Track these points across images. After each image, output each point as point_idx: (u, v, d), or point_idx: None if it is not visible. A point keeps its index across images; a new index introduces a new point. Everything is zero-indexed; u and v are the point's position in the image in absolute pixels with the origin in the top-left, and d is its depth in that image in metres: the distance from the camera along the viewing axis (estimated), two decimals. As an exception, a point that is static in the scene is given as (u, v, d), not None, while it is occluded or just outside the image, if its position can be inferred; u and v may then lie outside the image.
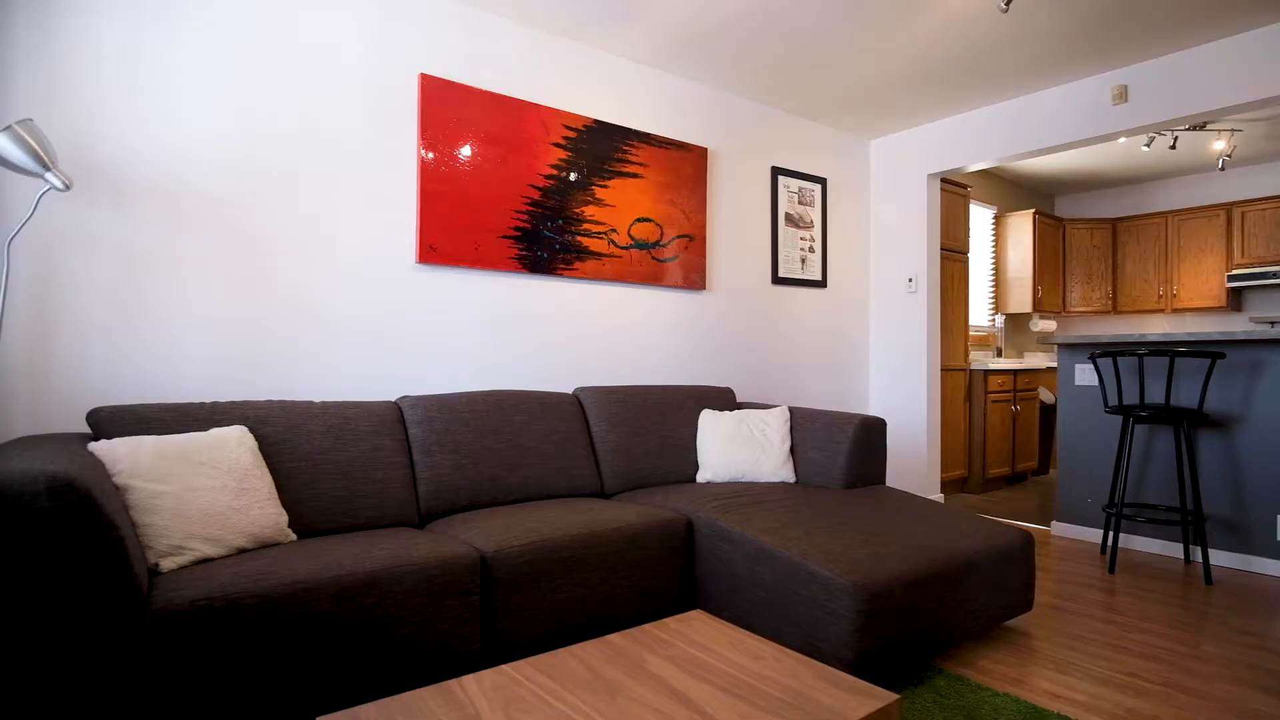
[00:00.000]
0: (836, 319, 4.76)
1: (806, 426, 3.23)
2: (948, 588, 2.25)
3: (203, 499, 1.89)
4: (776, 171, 4.33)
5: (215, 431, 2.08)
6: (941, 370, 4.96)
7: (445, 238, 2.93)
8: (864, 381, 4.98)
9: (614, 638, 1.72)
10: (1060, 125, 4.05)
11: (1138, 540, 3.75)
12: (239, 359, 2.53)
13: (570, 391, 3.31)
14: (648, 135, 3.61)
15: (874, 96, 4.18)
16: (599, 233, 3.42)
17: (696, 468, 3.22)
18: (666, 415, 3.25)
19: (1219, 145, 5.38)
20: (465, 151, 2.99)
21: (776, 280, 4.34)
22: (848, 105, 4.32)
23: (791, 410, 3.34)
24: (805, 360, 4.55)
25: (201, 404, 2.22)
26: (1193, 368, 3.59)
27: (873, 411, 4.98)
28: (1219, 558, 3.48)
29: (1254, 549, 3.38)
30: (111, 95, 2.31)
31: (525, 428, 2.80)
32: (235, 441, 2.07)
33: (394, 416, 2.54)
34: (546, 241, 3.24)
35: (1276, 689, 2.19)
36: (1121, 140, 4.91)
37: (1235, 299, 6.04)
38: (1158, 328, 6.53)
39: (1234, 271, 5.85)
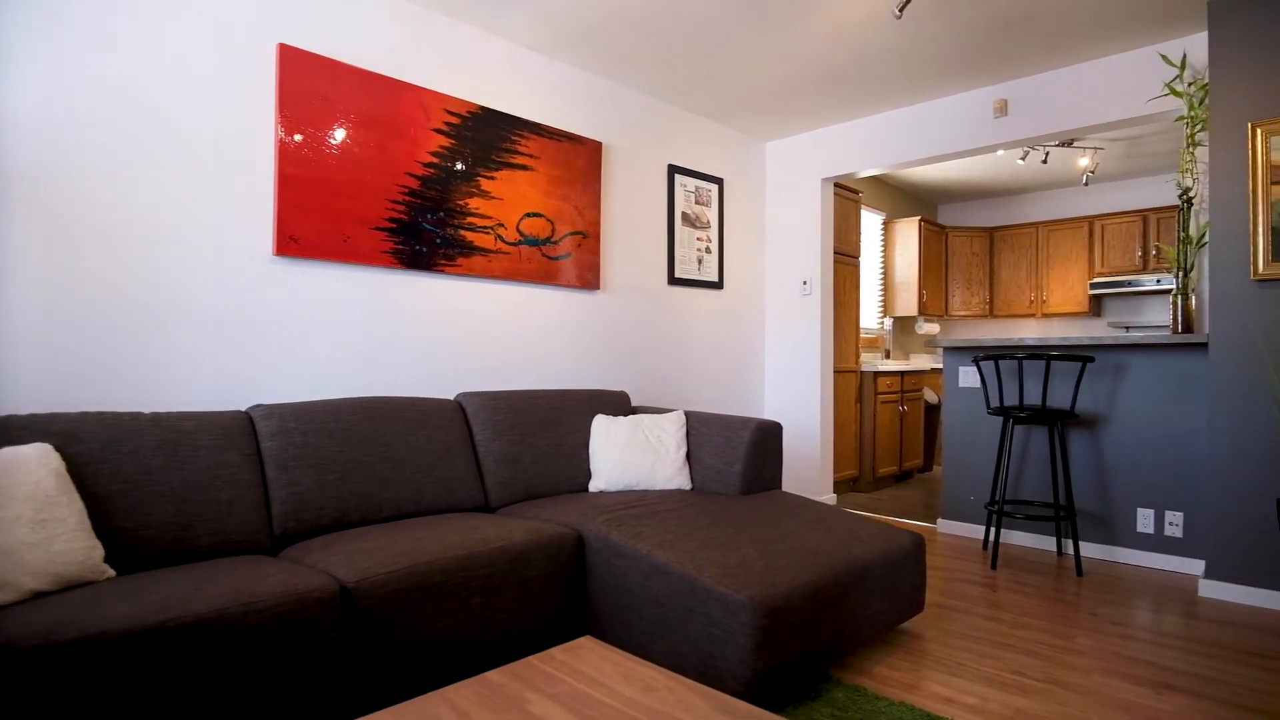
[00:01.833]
0: (733, 320, 4.73)
1: (703, 432, 3.14)
2: (844, 596, 2.19)
3: (-15, 534, 1.56)
4: (673, 170, 4.24)
5: (8, 451, 1.73)
6: (834, 372, 5.03)
7: (309, 228, 2.64)
8: (759, 383, 4.97)
9: (493, 675, 1.54)
10: (946, 135, 4.16)
11: (1016, 535, 3.90)
12: (54, 365, 2.15)
13: (452, 398, 3.07)
14: (538, 126, 3.42)
15: (770, 98, 4.17)
16: (485, 227, 3.20)
17: (589, 476, 3.06)
18: (557, 421, 3.07)
19: (1084, 162, 5.75)
20: (332, 133, 2.71)
21: (673, 280, 4.25)
22: (744, 106, 4.29)
23: (688, 415, 3.24)
24: (702, 362, 4.49)
25: (-5, 417, 1.86)
26: (1066, 370, 3.76)
27: (768, 413, 4.99)
28: (1088, 549, 3.66)
29: (1118, 540, 3.57)
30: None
31: (400, 438, 2.56)
32: (35, 462, 1.74)
33: (244, 428, 2.24)
34: (426, 235, 2.99)
35: (1145, 679, 2.27)
36: (1000, 153, 5.15)
37: (1096, 305, 6.49)
38: (1029, 331, 6.94)
39: (1095, 280, 6.28)
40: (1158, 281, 5.89)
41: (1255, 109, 2.97)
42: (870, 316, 6.42)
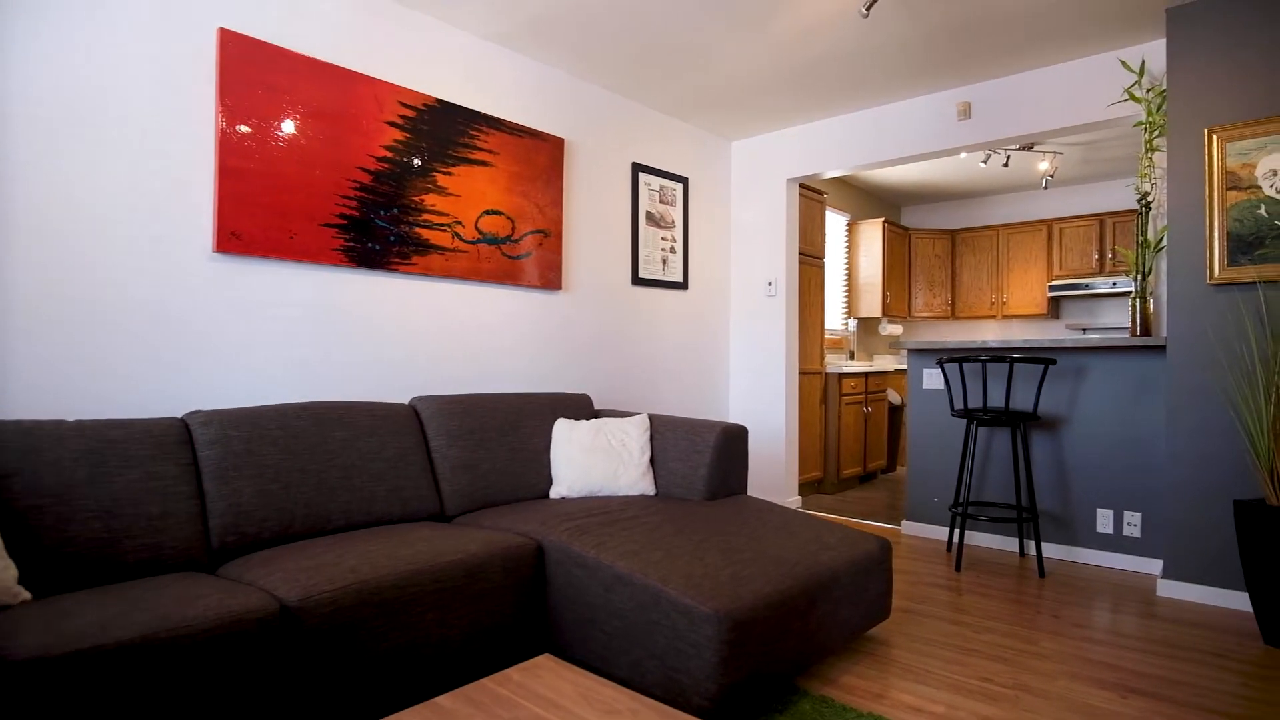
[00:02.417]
0: (697, 322, 4.67)
1: (667, 435, 3.07)
2: (812, 606, 2.14)
3: (-124, 557, 1.41)
4: (637, 168, 4.16)
5: (-93, 464, 1.59)
6: (799, 373, 5.01)
7: (252, 224, 2.50)
8: (725, 385, 4.93)
9: (444, 700, 1.45)
10: (911, 137, 4.16)
11: (979, 536, 3.91)
12: (-35, 367, 1.99)
13: (406, 402, 2.95)
14: (498, 120, 3.32)
15: (736, 97, 4.12)
16: (441, 225, 3.08)
17: (550, 482, 2.97)
18: (517, 425, 2.97)
19: (1043, 166, 5.82)
20: (278, 124, 2.57)
21: (637, 281, 4.17)
22: (710, 104, 4.24)
23: (652, 418, 3.17)
24: (666, 364, 4.42)
25: (-104, 427, 1.71)
26: (1028, 372, 3.77)
27: (733, 415, 4.94)
28: (1049, 550, 3.68)
29: (1078, 541, 3.60)
30: None
31: (350, 444, 2.43)
32: (-62, 476, 1.59)
33: (179, 436, 2.10)
34: (379, 232, 2.86)
35: (1109, 682, 2.27)
36: (962, 155, 5.18)
37: (1054, 307, 6.60)
38: (990, 333, 7.02)
39: (1053, 282, 6.37)
40: (1114, 284, 6.00)
41: (1212, 115, 3.00)
42: (834, 318, 6.42)
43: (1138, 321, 3.41)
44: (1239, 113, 2.95)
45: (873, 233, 6.43)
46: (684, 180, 4.49)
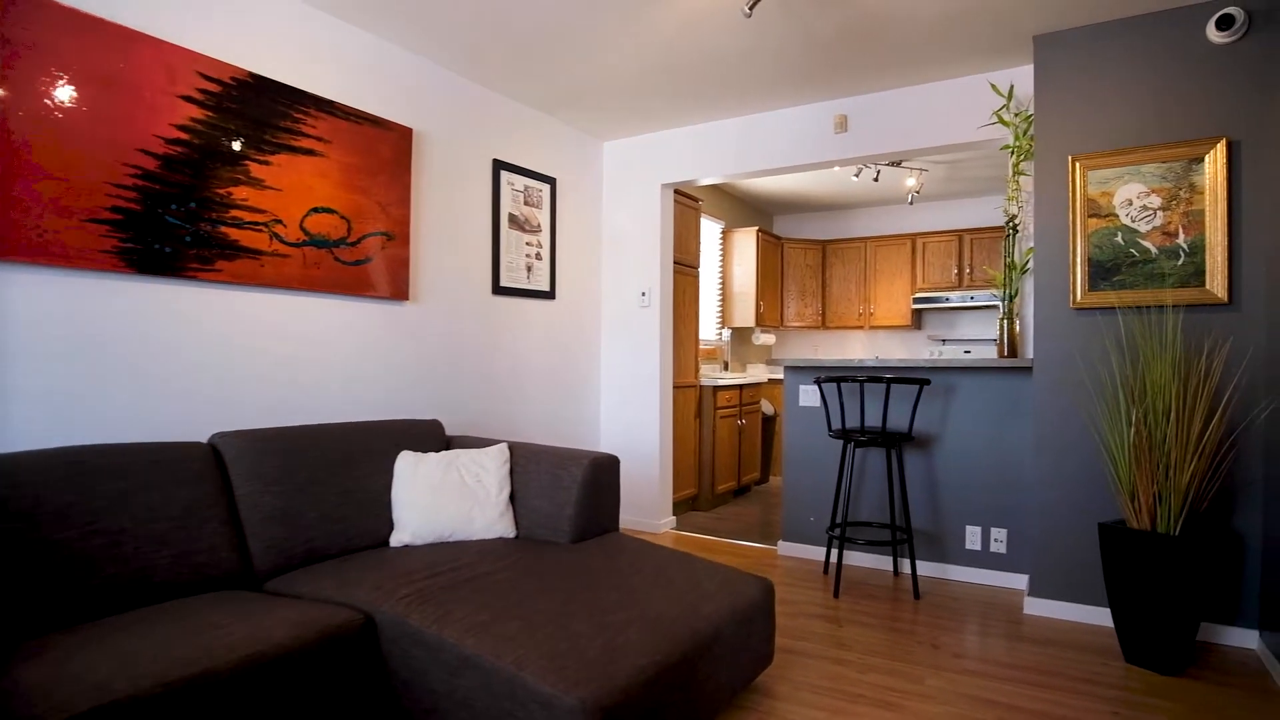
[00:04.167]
0: (566, 334, 4.34)
1: (530, 468, 2.73)
2: (693, 671, 1.88)
3: None
4: (499, 165, 3.77)
5: None
6: (674, 387, 4.79)
7: (-21, 216, 1.92)
8: (595, 402, 4.63)
9: None
10: (789, 147, 4.04)
11: (855, 555, 3.84)
12: None
13: (205, 441, 2.43)
14: (330, 103, 2.83)
15: (610, 94, 3.82)
16: (256, 223, 2.56)
17: (392, 527, 2.54)
18: (352, 462, 2.52)
19: (910, 182, 5.95)
20: (20, 88, 1.99)
21: (498, 290, 3.78)
22: (582, 100, 3.92)
23: (512, 448, 2.81)
24: (531, 381, 4.06)
25: None
26: (903, 391, 3.73)
27: (604, 435, 4.66)
28: (922, 568, 3.65)
29: (949, 558, 3.60)
30: None
31: (122, 501, 1.91)
32: None
33: None
34: (172, 231, 2.32)
35: (995, 726, 2.18)
36: (836, 168, 5.17)
37: (917, 319, 6.80)
38: (858, 343, 7.16)
39: (917, 294, 6.56)
40: (971, 298, 6.24)
41: (1075, 143, 3.04)
42: (709, 327, 6.29)
43: (1005, 342, 3.43)
44: (1099, 142, 2.99)
45: (747, 241, 6.36)
46: (551, 181, 4.15)
